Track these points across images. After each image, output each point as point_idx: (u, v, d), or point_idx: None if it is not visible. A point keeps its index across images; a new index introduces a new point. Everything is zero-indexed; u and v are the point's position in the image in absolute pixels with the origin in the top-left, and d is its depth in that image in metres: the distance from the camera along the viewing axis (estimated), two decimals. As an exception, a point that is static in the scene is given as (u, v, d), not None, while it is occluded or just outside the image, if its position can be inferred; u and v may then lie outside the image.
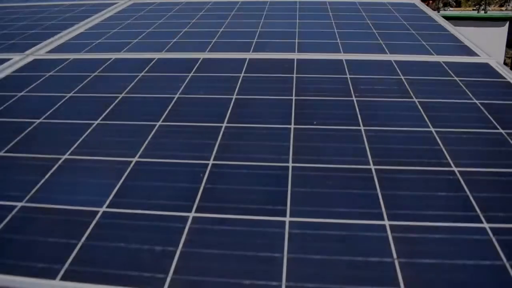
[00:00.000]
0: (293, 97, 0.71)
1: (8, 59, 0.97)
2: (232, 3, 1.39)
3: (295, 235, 0.43)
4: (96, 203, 0.48)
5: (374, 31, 1.08)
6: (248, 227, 0.44)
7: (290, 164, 0.54)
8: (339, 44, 0.97)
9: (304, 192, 0.49)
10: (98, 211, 0.47)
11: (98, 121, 0.66)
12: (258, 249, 0.41)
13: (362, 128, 0.62)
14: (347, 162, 0.55)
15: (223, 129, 0.62)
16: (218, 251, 0.41)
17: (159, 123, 0.64)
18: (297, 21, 1.17)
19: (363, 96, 0.72)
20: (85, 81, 0.81)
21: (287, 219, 0.45)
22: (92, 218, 0.46)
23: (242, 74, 0.80)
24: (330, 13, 1.25)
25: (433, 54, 0.91)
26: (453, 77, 0.79)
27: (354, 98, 0.71)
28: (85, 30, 1.16)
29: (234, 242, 0.42)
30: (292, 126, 0.62)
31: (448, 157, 0.56)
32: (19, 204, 0.49)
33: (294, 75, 0.80)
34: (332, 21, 1.17)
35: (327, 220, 0.45)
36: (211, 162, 0.55)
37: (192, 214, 0.46)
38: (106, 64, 0.88)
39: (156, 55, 0.92)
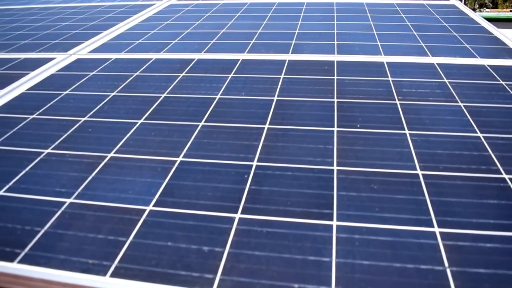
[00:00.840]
0: (335, 99, 0.70)
1: (52, 58, 0.99)
2: (268, 4, 1.39)
3: (343, 239, 0.43)
4: (143, 202, 0.49)
5: (415, 33, 1.06)
6: (295, 230, 0.44)
7: (335, 168, 0.53)
8: (379, 46, 0.96)
9: (350, 196, 0.49)
10: (145, 210, 0.48)
11: (141, 120, 0.67)
12: (306, 252, 0.41)
13: (407, 132, 0.61)
14: (393, 167, 0.54)
15: (265, 130, 0.62)
16: (266, 253, 0.41)
17: (202, 123, 0.65)
18: (335, 22, 1.16)
19: (406, 99, 0.70)
20: (127, 81, 0.82)
21: (334, 223, 0.45)
22: (139, 217, 0.47)
23: (282, 76, 0.80)
24: (368, 15, 1.24)
25: (477, 57, 0.88)
26: (499, 81, 0.77)
27: (397, 101, 0.70)
28: (125, 30, 1.18)
29: (281, 244, 0.42)
30: (335, 129, 0.62)
31: (498, 164, 0.54)
32: (68, 201, 0.51)
33: (335, 77, 0.79)
34: (371, 22, 1.15)
35: (375, 226, 0.44)
36: (255, 163, 0.55)
37: (238, 215, 0.46)
38: (147, 64, 0.90)
39: (196, 56, 0.92)
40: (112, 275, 0.40)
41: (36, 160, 0.59)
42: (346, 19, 1.20)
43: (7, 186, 0.54)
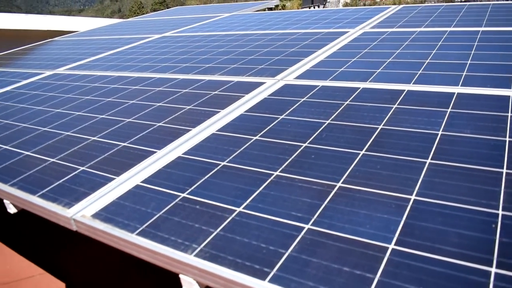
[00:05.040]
0: None
1: (262, 83, 1.07)
2: (471, 32, 1.30)
3: None
4: (384, 239, 0.49)
5: None
6: None
7: None
8: None
9: None
10: (387, 248, 0.47)
11: (363, 151, 0.67)
12: None
13: None
14: None
15: (504, 175, 0.57)
16: (538, 319, 0.37)
17: (429, 160, 0.62)
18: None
19: None
20: (339, 109, 0.84)
21: None
22: (382, 254, 0.46)
23: (510, 114, 0.74)
24: None
25: None
26: None
27: None
28: (325, 58, 1.22)
29: (556, 313, 0.38)
30: None
31: None
32: (306, 226, 0.53)
33: None
34: None
35: None
36: (500, 212, 0.51)
37: (493, 270, 0.43)
38: (355, 93, 0.91)
39: (406, 87, 0.90)
40: (365, 312, 0.40)
41: (267, 181, 0.63)
42: None
43: (245, 204, 0.59)
